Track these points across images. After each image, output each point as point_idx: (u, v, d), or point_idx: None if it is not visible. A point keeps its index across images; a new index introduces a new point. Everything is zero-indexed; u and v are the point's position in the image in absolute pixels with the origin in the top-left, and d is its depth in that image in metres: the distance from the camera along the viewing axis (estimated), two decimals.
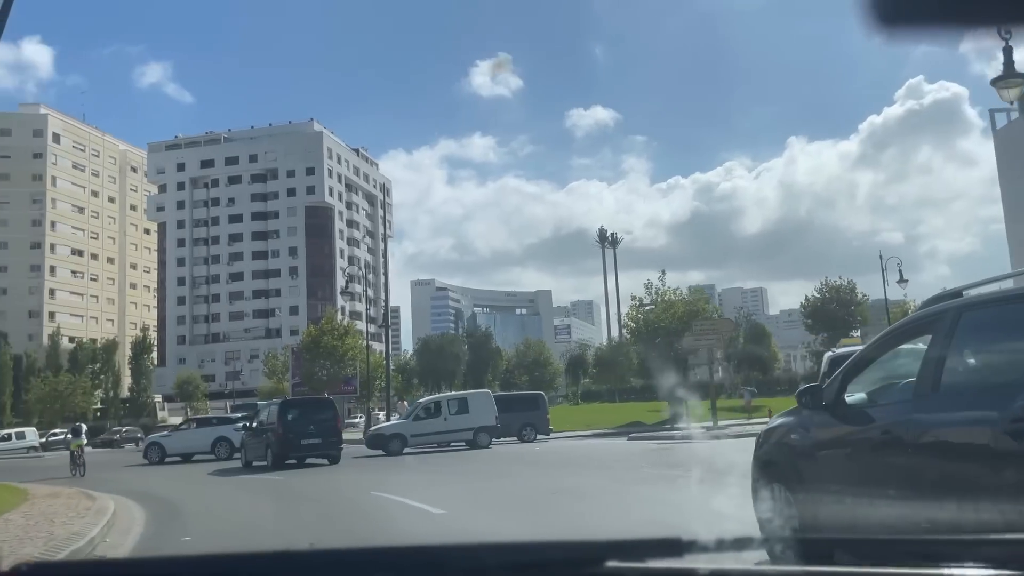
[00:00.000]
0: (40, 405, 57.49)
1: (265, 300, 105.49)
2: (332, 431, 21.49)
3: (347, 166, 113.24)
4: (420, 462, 22.02)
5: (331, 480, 17.75)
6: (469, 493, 13.03)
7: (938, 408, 4.09)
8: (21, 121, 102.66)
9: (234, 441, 26.20)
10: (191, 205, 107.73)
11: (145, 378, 73.26)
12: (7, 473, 22.48)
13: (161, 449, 27.87)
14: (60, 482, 18.65)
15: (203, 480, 19.82)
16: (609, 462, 17.89)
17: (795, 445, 5.26)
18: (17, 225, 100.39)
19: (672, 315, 31.80)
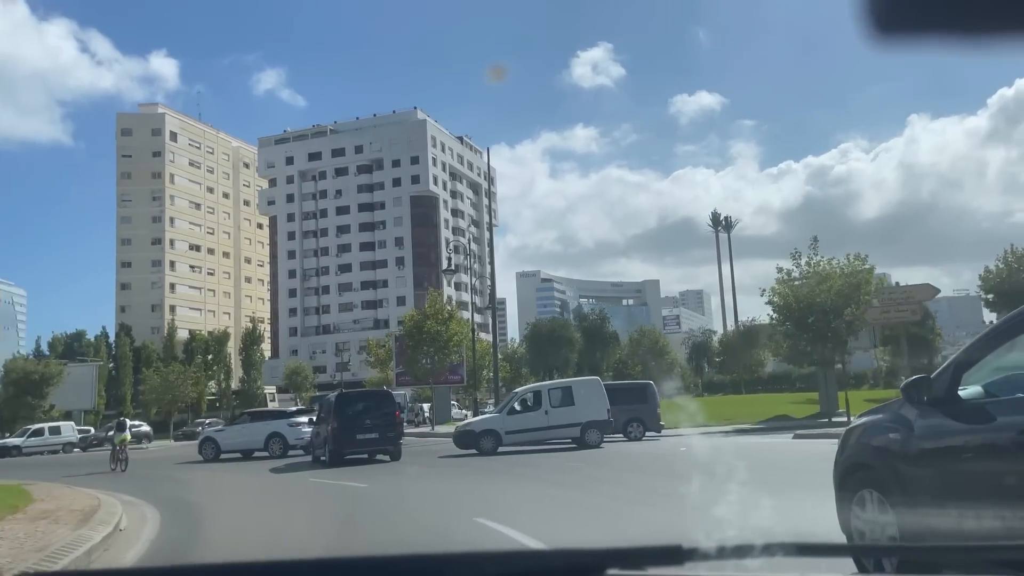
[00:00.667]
0: (153, 395, 57.26)
1: (373, 291, 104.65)
2: (390, 425, 20.05)
3: (451, 154, 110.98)
4: (520, 465, 17.56)
5: (405, 488, 14.23)
6: (613, 526, 8.45)
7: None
8: (141, 121, 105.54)
9: (287, 437, 24.23)
10: (300, 198, 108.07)
11: (255, 369, 72.84)
12: (42, 469, 20.10)
13: (215, 445, 25.52)
14: (88, 481, 15.77)
15: (250, 480, 16.92)
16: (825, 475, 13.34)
17: (894, 446, 4.47)
18: (139, 222, 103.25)
19: (828, 289, 26.52)
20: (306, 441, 23.78)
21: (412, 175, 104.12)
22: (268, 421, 25.61)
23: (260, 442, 24.69)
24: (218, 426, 29.34)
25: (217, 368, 71.60)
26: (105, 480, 16.06)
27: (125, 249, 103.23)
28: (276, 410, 28.75)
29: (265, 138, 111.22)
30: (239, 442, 25.19)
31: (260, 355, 75.76)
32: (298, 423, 25.02)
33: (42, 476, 17.89)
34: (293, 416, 25.99)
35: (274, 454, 24.12)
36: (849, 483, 4.83)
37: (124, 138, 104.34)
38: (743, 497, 7.45)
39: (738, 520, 5.80)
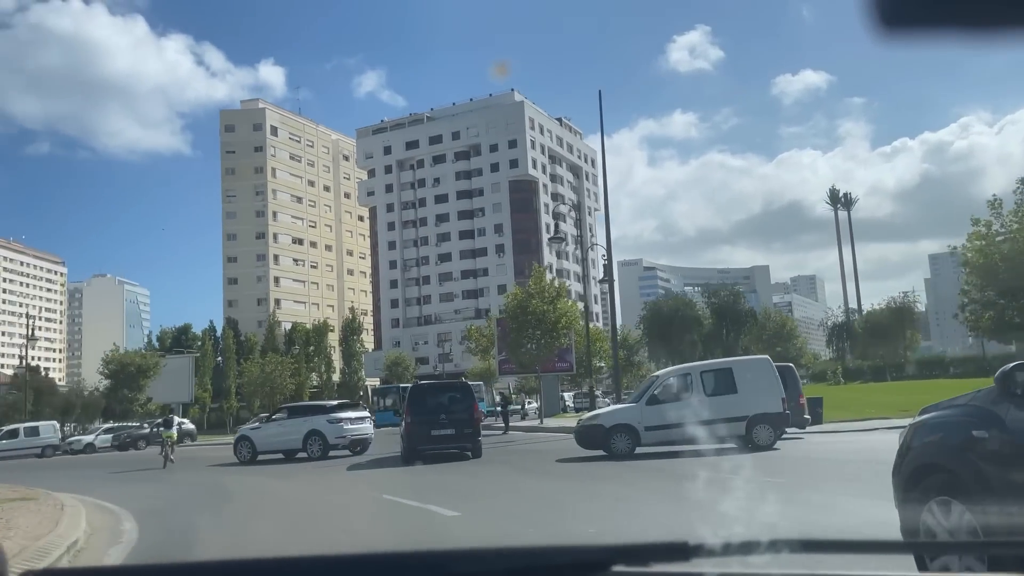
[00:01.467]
0: (251, 387, 55.49)
1: (473, 280, 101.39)
2: (468, 420, 18.34)
3: (550, 136, 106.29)
4: (684, 478, 11.43)
5: (519, 516, 9.54)
6: None
7: None
8: (243, 117, 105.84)
9: (327, 436, 20.99)
10: (399, 188, 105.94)
11: (356, 360, 70.45)
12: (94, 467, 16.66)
13: (251, 445, 21.97)
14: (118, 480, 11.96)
15: (287, 489, 13.47)
16: None
17: (980, 446, 3.81)
18: (243, 217, 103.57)
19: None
20: (349, 440, 21.16)
21: (510, 159, 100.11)
22: (307, 417, 21.95)
23: (298, 441, 21.34)
24: (254, 423, 25.36)
25: (318, 360, 69.65)
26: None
27: (231, 244, 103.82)
28: (315, 404, 24.30)
29: (363, 128, 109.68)
30: (276, 441, 21.80)
31: (360, 346, 73.44)
32: (339, 419, 21.46)
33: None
34: (334, 411, 22.02)
35: (313, 455, 20.82)
36: (918, 490, 4.11)
37: (227, 134, 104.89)
38: None
39: None
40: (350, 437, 21.18)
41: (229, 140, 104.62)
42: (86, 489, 14.58)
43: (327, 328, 73.21)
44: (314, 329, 71.76)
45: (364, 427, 21.95)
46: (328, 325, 74.76)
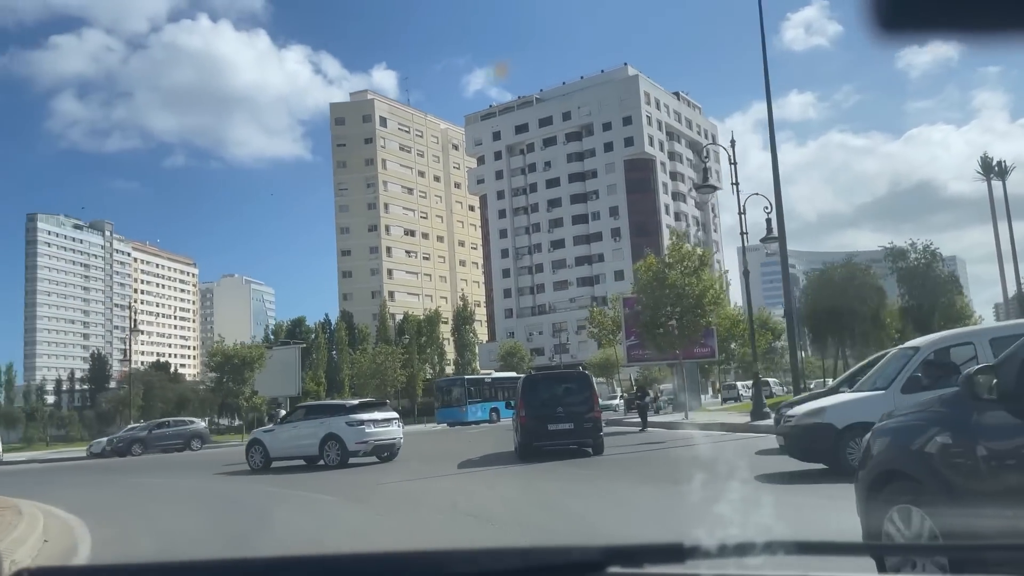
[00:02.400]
0: (361, 379, 52.51)
1: (588, 267, 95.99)
2: (587, 413, 16.90)
3: (667, 111, 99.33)
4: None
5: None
6: None
7: None
8: (352, 109, 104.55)
9: (346, 441, 17.61)
10: (508, 174, 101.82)
11: (469, 350, 66.63)
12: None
13: (264, 451, 18.70)
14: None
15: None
16: None
17: (942, 451, 3.73)
18: (356, 210, 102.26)
19: None
20: (371, 446, 17.93)
21: (625, 137, 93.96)
22: (324, 419, 18.35)
23: (314, 447, 18.00)
24: (269, 425, 21.99)
25: (431, 350, 66.28)
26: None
27: (345, 238, 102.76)
28: (334, 403, 20.47)
29: (471, 115, 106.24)
30: (291, 446, 18.48)
31: (472, 335, 69.61)
32: (361, 421, 17.96)
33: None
34: (354, 411, 18.38)
35: (330, 463, 17.62)
36: (879, 498, 3.97)
37: (338, 128, 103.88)
38: None
39: None
40: (372, 442, 17.93)
41: (340, 133, 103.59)
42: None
43: (439, 317, 69.84)
44: (426, 319, 68.52)
45: (391, 430, 18.60)
46: (440, 315, 71.38)
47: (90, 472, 24.16)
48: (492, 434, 30.93)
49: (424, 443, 27.68)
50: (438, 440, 30.45)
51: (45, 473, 26.02)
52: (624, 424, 29.73)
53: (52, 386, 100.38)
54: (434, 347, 66.72)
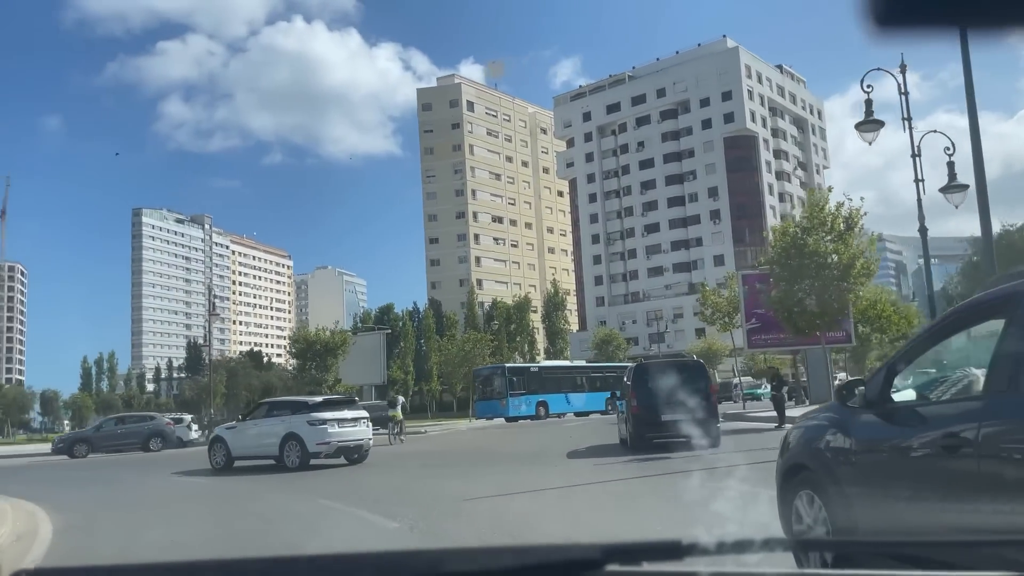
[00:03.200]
0: (448, 367, 49.63)
1: (685, 251, 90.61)
2: (703, 404, 15.68)
3: (769, 85, 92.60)
4: None
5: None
6: None
7: (1018, 409, 3.22)
8: (439, 94, 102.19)
9: (306, 441, 16.15)
10: (599, 156, 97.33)
11: (560, 338, 62.83)
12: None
13: (226, 449, 17.36)
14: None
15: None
16: None
17: (831, 448, 4.32)
18: (443, 197, 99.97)
19: None
20: (334, 447, 16.41)
21: (724, 113, 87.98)
22: (287, 416, 16.89)
23: (275, 447, 16.57)
24: (231, 422, 19.81)
25: (520, 338, 62.89)
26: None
27: (432, 225, 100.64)
28: (298, 400, 18.69)
29: (560, 96, 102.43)
30: (251, 445, 17.10)
31: (564, 322, 65.79)
32: (323, 420, 16.40)
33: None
34: (316, 409, 16.74)
35: (290, 465, 16.17)
36: (789, 485, 4.64)
37: (425, 113, 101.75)
38: None
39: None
40: (336, 443, 16.44)
41: (427, 119, 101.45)
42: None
43: (528, 304, 66.36)
44: (515, 306, 65.15)
45: (357, 431, 16.99)
46: (529, 301, 67.92)
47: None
48: (546, 429, 27.06)
49: (495, 439, 24.33)
50: (505, 435, 26.91)
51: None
52: (748, 419, 25.42)
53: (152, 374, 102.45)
54: (524, 335, 63.28)
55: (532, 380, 41.11)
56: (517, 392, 39.74)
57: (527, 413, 38.97)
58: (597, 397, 41.30)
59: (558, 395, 40.86)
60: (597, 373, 44.34)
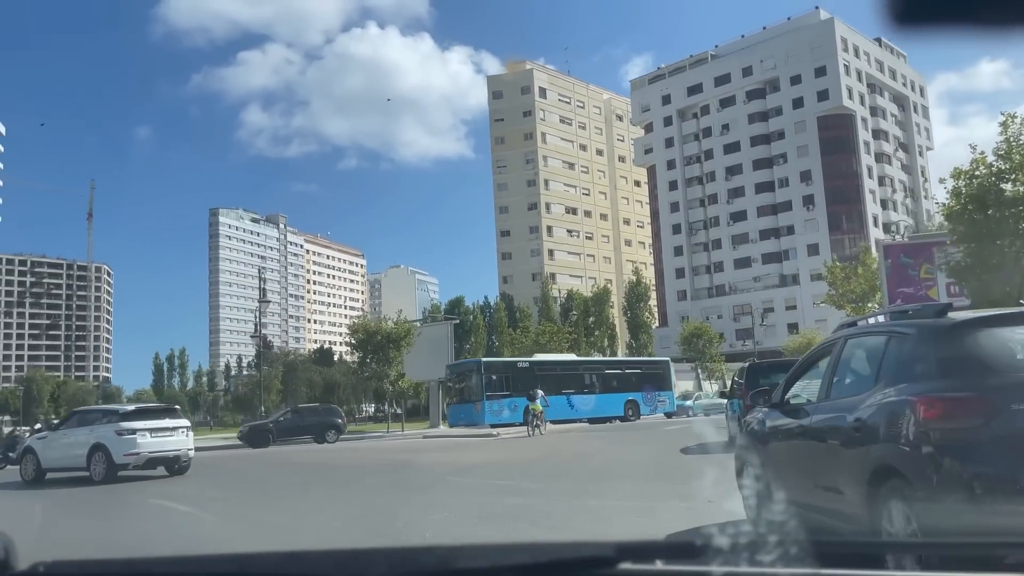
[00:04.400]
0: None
1: (775, 240, 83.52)
2: None
3: (867, 60, 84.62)
4: None
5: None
6: None
7: (824, 412, 5.10)
8: (510, 81, 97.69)
9: (112, 453, 14.64)
10: (680, 141, 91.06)
11: (644, 332, 57.25)
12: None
13: (36, 461, 16.14)
14: None
15: None
16: None
17: (758, 432, 6.27)
18: (515, 188, 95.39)
19: None
20: (145, 459, 15.16)
21: (818, 91, 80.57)
22: (95, 426, 15.68)
23: (82, 458, 15.24)
24: (42, 431, 19.44)
25: (600, 332, 57.67)
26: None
27: (503, 218, 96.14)
28: (108, 408, 17.83)
29: (638, 79, 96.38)
30: (61, 456, 15.92)
31: (648, 314, 60.21)
32: (133, 430, 15.13)
33: None
34: (127, 418, 15.51)
35: (96, 477, 14.81)
36: (739, 457, 6.57)
37: (496, 102, 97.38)
38: None
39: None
40: (146, 454, 15.32)
41: (497, 107, 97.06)
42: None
43: (608, 295, 61.05)
44: (593, 297, 59.92)
45: (174, 440, 15.85)
46: (609, 291, 62.62)
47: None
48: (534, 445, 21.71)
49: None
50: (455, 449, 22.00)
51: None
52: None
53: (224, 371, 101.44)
54: (603, 328, 57.95)
55: (520, 378, 32.16)
56: (496, 394, 31.71)
57: (509, 420, 30.71)
58: (613, 400, 34.45)
59: (557, 397, 31.55)
60: (614, 370, 37.83)
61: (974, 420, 3.74)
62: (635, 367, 36.05)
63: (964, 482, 3.66)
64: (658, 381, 36.36)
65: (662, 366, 38.36)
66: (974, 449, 3.69)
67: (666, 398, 36.26)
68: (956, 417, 3.80)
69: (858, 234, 79.59)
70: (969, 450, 3.70)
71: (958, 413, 3.80)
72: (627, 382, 35.36)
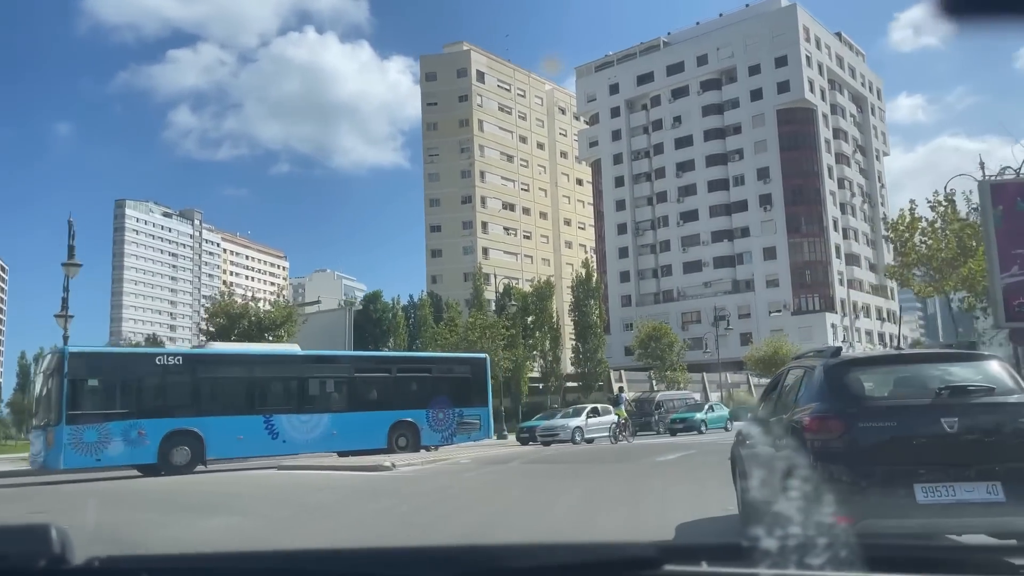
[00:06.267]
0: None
1: (729, 243, 76.09)
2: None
3: (828, 54, 78.41)
4: None
5: None
6: None
7: (769, 424, 6.34)
8: (445, 62, 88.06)
9: None
10: (628, 134, 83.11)
11: (594, 334, 48.15)
12: None
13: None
14: None
15: None
16: None
17: (742, 444, 7.32)
18: (447, 178, 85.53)
19: None
20: None
21: (778, 82, 73.74)
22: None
23: None
24: None
25: (541, 334, 48.31)
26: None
27: (434, 211, 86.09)
28: None
29: (583, 66, 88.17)
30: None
31: (599, 314, 51.20)
32: None
33: None
34: None
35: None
36: (734, 469, 7.56)
37: (428, 84, 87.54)
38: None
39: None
40: None
41: (430, 90, 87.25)
42: None
43: (551, 289, 51.86)
44: (534, 291, 50.63)
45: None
46: (552, 285, 53.44)
47: None
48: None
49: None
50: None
51: None
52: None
53: None
54: (545, 330, 48.63)
55: (155, 383, 18.61)
56: (97, 412, 17.43)
57: (122, 459, 17.69)
58: (368, 423, 20.91)
59: (249, 419, 19.17)
60: (374, 371, 22.89)
61: (833, 433, 5.10)
62: (417, 367, 23.62)
63: (830, 478, 4.86)
64: (463, 392, 23.09)
65: (474, 367, 24.19)
66: (834, 454, 5.04)
67: (477, 418, 23.05)
68: (822, 431, 5.15)
69: (818, 237, 72.84)
70: (831, 454, 5.05)
71: (823, 428, 5.16)
72: (401, 393, 22.02)
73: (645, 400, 34.48)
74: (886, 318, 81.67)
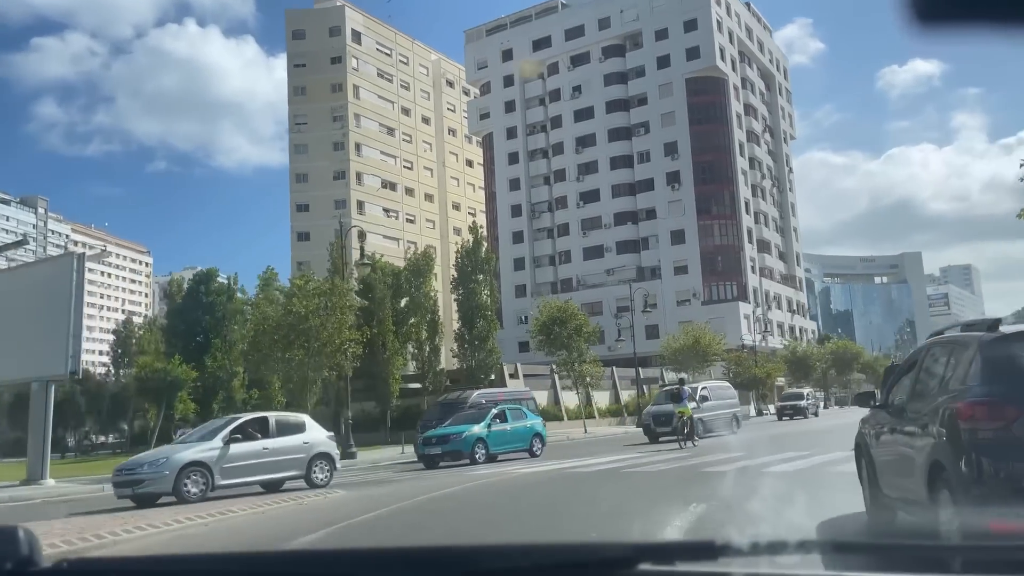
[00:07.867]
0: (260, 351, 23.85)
1: (633, 226, 67.58)
2: None
3: (738, 23, 71.48)
4: None
5: None
6: None
7: (906, 412, 5.42)
8: (315, 18, 75.55)
9: None
10: (523, 105, 73.46)
11: (482, 319, 37.62)
12: None
13: None
14: None
15: None
16: None
17: (868, 430, 6.53)
18: (317, 150, 73.07)
19: None
20: None
21: (688, 48, 65.97)
22: None
23: None
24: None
25: (418, 318, 37.41)
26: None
27: (301, 188, 73.35)
28: None
29: (474, 29, 77.91)
30: None
31: (491, 292, 40.67)
32: None
33: None
34: None
35: None
36: (857, 450, 6.89)
37: (296, 42, 74.82)
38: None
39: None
40: None
41: (297, 50, 74.57)
42: None
43: (432, 264, 41.17)
44: (410, 266, 39.74)
45: None
46: (433, 259, 42.75)
47: None
48: None
49: None
50: None
51: None
52: None
53: None
54: (422, 313, 37.77)
55: None
56: None
57: None
58: None
59: None
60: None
61: (994, 422, 4.07)
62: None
63: (995, 479, 3.98)
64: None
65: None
66: (999, 449, 4.03)
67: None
68: (981, 419, 4.12)
69: (730, 220, 65.30)
70: (995, 449, 4.04)
71: (982, 415, 4.12)
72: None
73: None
74: (796, 310, 75.54)
